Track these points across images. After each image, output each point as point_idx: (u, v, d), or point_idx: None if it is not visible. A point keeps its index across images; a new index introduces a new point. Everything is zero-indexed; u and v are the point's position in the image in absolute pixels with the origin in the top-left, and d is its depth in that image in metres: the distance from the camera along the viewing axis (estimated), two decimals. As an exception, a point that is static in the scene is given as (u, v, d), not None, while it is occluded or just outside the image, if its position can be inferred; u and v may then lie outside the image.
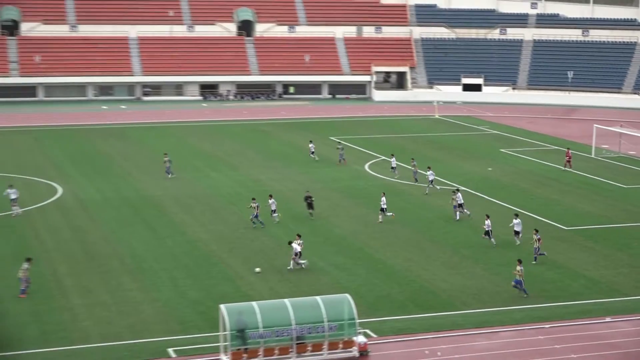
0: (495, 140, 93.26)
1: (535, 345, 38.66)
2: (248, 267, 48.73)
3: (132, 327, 40.15)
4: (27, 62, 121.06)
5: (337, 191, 67.34)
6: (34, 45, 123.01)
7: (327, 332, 36.70)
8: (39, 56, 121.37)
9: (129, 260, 49.98)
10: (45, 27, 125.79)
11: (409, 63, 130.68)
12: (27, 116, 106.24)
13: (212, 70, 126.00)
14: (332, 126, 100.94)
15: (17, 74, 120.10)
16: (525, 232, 53.40)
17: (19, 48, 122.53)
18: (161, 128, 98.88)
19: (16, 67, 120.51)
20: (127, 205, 62.59)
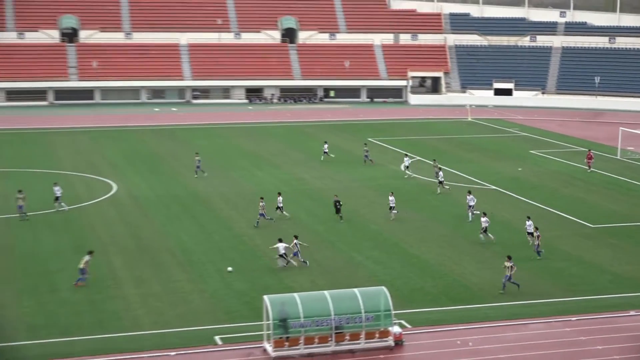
0: (525, 142, 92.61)
1: (562, 337, 38.39)
2: (290, 260, 48.83)
3: (181, 316, 40.39)
4: (85, 67, 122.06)
5: (373, 189, 67.26)
6: (91, 52, 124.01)
7: (364, 323, 36.67)
8: (96, 62, 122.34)
9: (179, 253, 50.27)
10: (102, 35, 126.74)
11: (443, 68, 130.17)
12: (85, 117, 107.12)
13: (257, 74, 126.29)
14: (370, 128, 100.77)
15: (76, 78, 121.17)
16: (545, 231, 52.95)
17: (78, 54, 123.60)
18: (209, 129, 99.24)
19: (75, 72, 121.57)
20: (177, 202, 62.91)
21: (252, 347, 36.82)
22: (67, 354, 35.94)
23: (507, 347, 37.16)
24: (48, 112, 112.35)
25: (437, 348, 37.12)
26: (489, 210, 59.79)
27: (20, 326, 38.92)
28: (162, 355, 36.06)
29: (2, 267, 47.30)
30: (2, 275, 45.74)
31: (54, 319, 39.91)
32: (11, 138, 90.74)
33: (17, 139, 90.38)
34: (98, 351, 36.29)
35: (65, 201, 60.35)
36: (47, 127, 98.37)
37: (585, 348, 37.07)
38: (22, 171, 73.01)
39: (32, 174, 71.64)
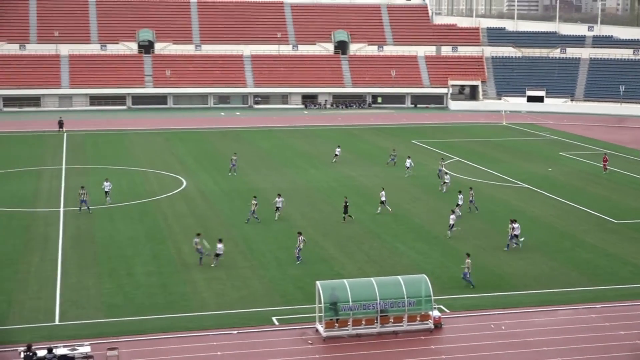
0: (555, 144, 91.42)
1: (588, 322, 37.83)
2: (340, 249, 48.76)
3: (242, 299, 40.51)
4: (160, 75, 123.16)
5: (416, 187, 66.87)
6: (165, 62, 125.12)
7: (407, 307, 36.47)
8: (169, 71, 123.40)
9: (241, 242, 50.41)
10: (174, 47, 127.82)
11: (480, 77, 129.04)
12: (159, 121, 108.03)
13: (312, 83, 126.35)
14: (413, 131, 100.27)
15: (151, 85, 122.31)
16: (573, 225, 52.03)
17: (153, 64, 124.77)
18: (269, 131, 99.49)
19: (150, 80, 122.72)
20: (240, 196, 63.08)
21: (305, 328, 36.80)
22: (141, 331, 36.25)
23: (537, 331, 36.70)
24: (126, 116, 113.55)
25: (472, 331, 36.78)
26: (519, 208, 59.23)
27: (100, 306, 39.35)
28: (225, 333, 36.19)
29: (86, 253, 47.86)
30: (86, 260, 46.28)
31: (130, 299, 40.29)
32: (94, 138, 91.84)
33: (99, 139, 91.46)
34: (168, 329, 36.55)
35: (134, 195, 60.94)
36: (125, 129, 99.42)
37: (608, 333, 36.49)
38: (104, 168, 73.86)
39: (112, 170, 72.39)
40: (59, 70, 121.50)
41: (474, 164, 77.40)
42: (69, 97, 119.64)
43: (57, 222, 54.49)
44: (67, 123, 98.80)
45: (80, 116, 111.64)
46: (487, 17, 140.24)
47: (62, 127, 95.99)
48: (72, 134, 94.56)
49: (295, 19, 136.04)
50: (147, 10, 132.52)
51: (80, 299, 40.10)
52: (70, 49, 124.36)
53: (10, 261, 45.98)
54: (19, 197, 61.99)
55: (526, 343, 35.53)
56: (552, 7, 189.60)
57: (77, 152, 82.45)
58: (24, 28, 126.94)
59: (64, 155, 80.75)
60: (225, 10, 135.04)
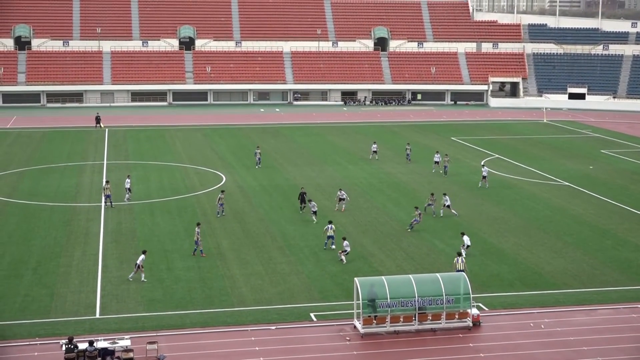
0: (597, 142, 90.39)
1: (629, 322, 37.34)
2: (378, 246, 48.66)
3: (280, 294, 40.60)
4: (200, 72, 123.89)
5: (456, 184, 66.49)
6: (206, 58, 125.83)
7: (445, 304, 36.29)
8: (209, 67, 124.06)
9: (279, 238, 50.52)
10: (215, 43, 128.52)
11: (521, 74, 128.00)
12: (199, 117, 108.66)
13: (352, 79, 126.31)
14: (453, 128, 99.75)
15: (192, 81, 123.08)
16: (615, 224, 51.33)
17: (194, 60, 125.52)
18: (308, 128, 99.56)
19: (191, 76, 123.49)
20: (279, 192, 63.26)
21: (343, 324, 36.78)
22: (180, 326, 36.48)
23: (577, 330, 36.32)
24: (167, 112, 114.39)
25: (511, 329, 36.49)
26: (560, 206, 58.70)
27: (141, 299, 39.68)
28: (263, 329, 36.29)
29: (126, 247, 48.28)
30: (126, 254, 46.67)
31: (170, 294, 40.55)
32: (135, 134, 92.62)
33: (140, 135, 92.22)
34: (207, 324, 36.74)
35: (174, 190, 61.34)
36: (166, 125, 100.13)
37: (650, 333, 36.00)
38: (144, 163, 74.46)
39: (153, 165, 72.95)
40: (101, 67, 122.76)
41: (515, 161, 76.75)
42: (111, 93, 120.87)
43: (98, 217, 55.05)
44: (108, 119, 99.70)
45: (121, 112, 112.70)
46: (529, 14, 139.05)
47: (99, 123, 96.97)
48: (113, 129, 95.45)
49: (335, 15, 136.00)
50: (188, 6, 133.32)
51: (120, 293, 40.46)
52: (113, 45, 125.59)
53: (53, 255, 46.57)
54: (61, 191, 62.73)
55: (565, 342, 35.17)
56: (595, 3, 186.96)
57: (118, 148, 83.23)
58: (67, 25, 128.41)
59: (105, 150, 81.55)
60: (265, 7, 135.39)
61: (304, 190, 57.98)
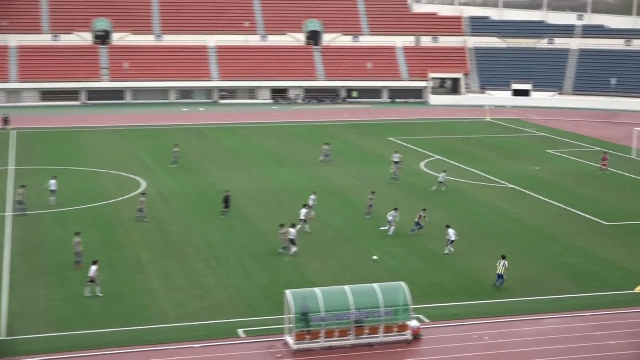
0: (542, 141, 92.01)
1: (577, 331, 38.05)
2: (311, 255, 48.67)
3: (205, 309, 40.36)
4: (117, 68, 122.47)
5: (394, 187, 66.95)
6: (123, 53, 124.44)
7: (383, 317, 36.48)
8: (127, 63, 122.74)
9: (204, 248, 50.25)
10: (133, 37, 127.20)
11: (462, 70, 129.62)
12: (116, 117, 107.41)
13: (283, 75, 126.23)
14: (390, 128, 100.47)
15: (107, 79, 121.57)
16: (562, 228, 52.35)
17: (110, 56, 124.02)
18: (235, 128, 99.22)
19: (107, 73, 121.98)
20: (203, 198, 62.93)
21: (274, 340, 36.71)
22: (97, 345, 35.96)
23: (522, 342, 36.85)
24: (80, 112, 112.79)
25: (453, 342, 36.85)
26: (505, 209, 59.54)
27: (52, 318, 39.00)
28: (186, 347, 36.01)
29: (34, 261, 47.40)
30: (34, 269, 45.83)
31: (84, 311, 39.95)
32: (45, 137, 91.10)
33: (51, 137, 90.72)
34: (126, 342, 36.31)
35: (88, 198, 60.57)
36: (79, 126, 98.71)
37: (599, 343, 36.72)
38: (56, 168, 73.25)
39: (65, 170, 71.81)
40: (6, 63, 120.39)
41: (456, 162, 77.63)
42: (18, 91, 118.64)
43: (2, 228, 53.96)
44: (16, 120, 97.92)
45: (30, 112, 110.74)
46: (470, 5, 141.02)
47: (7, 124, 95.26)
48: (21, 131, 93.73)
49: (264, 7, 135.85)
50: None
51: (29, 312, 39.71)
52: (20, 39, 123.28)
53: (-48, 270, 45.54)
54: (-38, 200, 61.38)
55: (510, 355, 35.66)
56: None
57: (26, 152, 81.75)
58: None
59: (12, 154, 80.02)
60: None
61: (228, 194, 57.95)
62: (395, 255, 49.24)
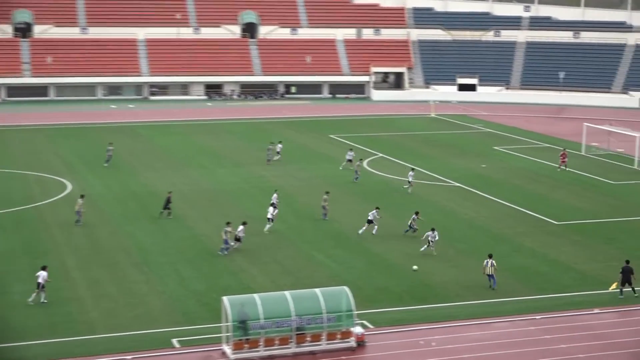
0: (489, 138, 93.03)
1: (527, 335, 38.49)
2: (250, 260, 48.56)
3: (137, 318, 39.99)
4: (39, 63, 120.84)
5: (336, 187, 67.06)
6: (45, 47, 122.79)
7: (326, 323, 36.52)
8: (50, 57, 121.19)
9: (136, 253, 49.81)
10: (56, 30, 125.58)
11: (406, 64, 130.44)
12: (39, 115, 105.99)
13: (217, 70, 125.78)
14: (331, 125, 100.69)
15: (29, 74, 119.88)
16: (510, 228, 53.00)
17: (32, 50, 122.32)
18: (168, 126, 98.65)
19: (28, 68, 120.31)
20: (135, 201, 62.44)
21: (210, 350, 36.53)
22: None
23: (470, 347, 37.17)
24: (0, 110, 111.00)
25: (399, 348, 37.03)
26: (451, 209, 60.02)
27: (-31, 330, 38.38)
28: (117, 359, 35.63)
29: (-48, 269, 46.59)
30: (-49, 278, 45.03)
31: (4, 322, 39.29)
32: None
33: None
34: (51, 356, 35.79)
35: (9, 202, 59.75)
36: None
37: (549, 347, 37.19)
38: (-26, 170, 72.21)
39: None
40: None
41: (400, 160, 78.07)
42: None
43: None
44: None
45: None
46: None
47: None
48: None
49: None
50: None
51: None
52: None
53: None
54: None
55: (459, 360, 36.00)
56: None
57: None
58: None
59: None
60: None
61: (169, 195, 57.85)
62: (338, 258, 49.33)
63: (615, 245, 52.53)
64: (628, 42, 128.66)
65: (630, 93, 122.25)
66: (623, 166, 77.69)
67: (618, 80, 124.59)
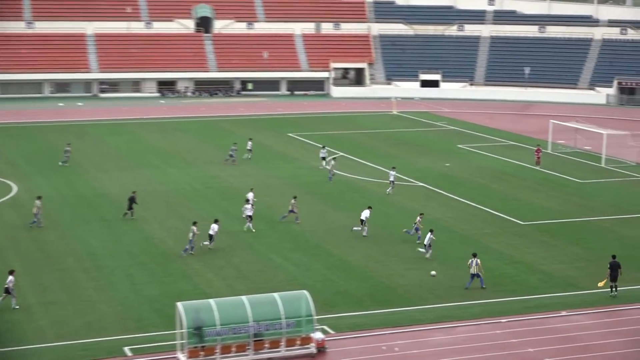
0: (453, 136, 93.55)
1: (493, 339, 38.77)
2: (205, 263, 48.48)
3: (88, 326, 39.77)
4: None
5: (294, 187, 67.07)
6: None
7: (285, 329, 36.55)
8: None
9: (86, 258, 49.51)
10: (1, 24, 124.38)
11: (367, 59, 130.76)
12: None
13: (170, 66, 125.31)
14: (290, 123, 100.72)
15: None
16: (475, 229, 53.50)
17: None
18: (118, 125, 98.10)
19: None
20: (84, 203, 62.04)
21: (164, 358, 36.42)
22: (-38, 370, 35.17)
23: (435, 352, 37.38)
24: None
25: (361, 354, 37.15)
26: (414, 209, 60.21)
27: None
28: (66, 368, 35.50)
29: None
30: None
31: (-53, 332, 38.99)
32: None
33: None
34: (-4, 366, 35.59)
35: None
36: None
37: (516, 351, 37.49)
38: None
39: None
40: None
41: (361, 159, 78.30)
42: None
43: None
44: None
45: None
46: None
47: None
48: None
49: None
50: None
51: None
52: None
53: None
54: None
55: (423, 366, 36.19)
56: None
57: None
58: None
59: None
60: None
61: (133, 195, 58.06)
62: (297, 261, 49.39)
63: (583, 246, 53.11)
64: (595, 36, 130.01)
65: (597, 89, 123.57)
66: (590, 164, 78.50)
67: (585, 75, 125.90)
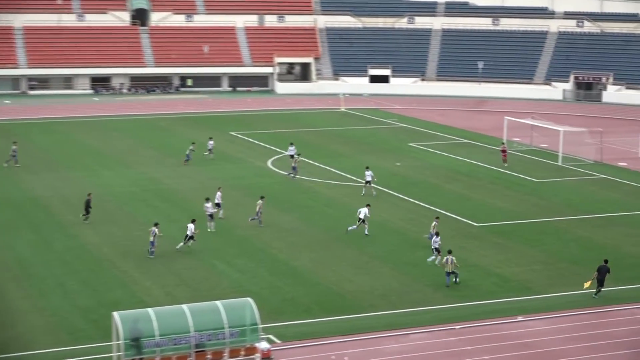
0: (404, 133, 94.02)
1: (447, 347, 39.01)
2: (143, 270, 48.24)
3: (17, 339, 39.34)
4: None
5: (238, 189, 67.03)
6: None
7: (228, 339, 36.47)
8: None
9: (14, 266, 49.02)
10: None
11: (313, 54, 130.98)
12: None
13: (104, 62, 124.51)
14: (232, 120, 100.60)
15: None
16: (435, 229, 53.77)
17: None
18: (49, 124, 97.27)
19: None
20: (12, 207, 61.37)
21: (100, 371, 36.29)
22: None
23: (386, 361, 37.61)
24: None
25: (309, 364, 37.28)
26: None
27: None
28: (-6, 384, 35.16)
29: None
30: None
31: None
32: None
33: None
34: None
35: None
36: None
37: (471, 358, 37.75)
38: None
39: None
40: None
41: (308, 159, 78.35)
42: None
43: None
44: None
45: None
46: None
47: None
48: None
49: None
50: None
51: None
52: None
53: None
54: None
55: (374, 376, 36.34)
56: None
57: None
58: None
59: None
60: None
61: (89, 198, 57.83)
62: (241, 267, 49.33)
63: (539, 248, 53.65)
64: (550, 29, 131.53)
65: (553, 84, 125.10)
66: (546, 162, 79.35)
67: (540, 70, 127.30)
